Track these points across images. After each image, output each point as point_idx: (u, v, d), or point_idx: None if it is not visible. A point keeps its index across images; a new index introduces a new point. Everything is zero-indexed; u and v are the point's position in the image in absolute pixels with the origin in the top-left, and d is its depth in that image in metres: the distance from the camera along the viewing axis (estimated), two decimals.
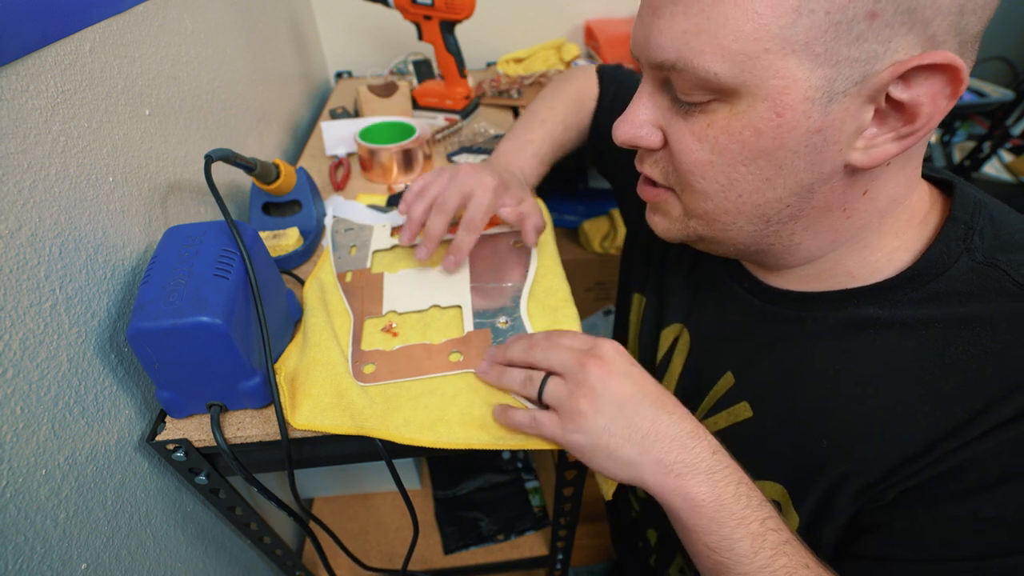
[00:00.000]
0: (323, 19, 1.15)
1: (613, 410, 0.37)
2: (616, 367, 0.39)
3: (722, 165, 0.34)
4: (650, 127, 0.37)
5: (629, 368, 0.39)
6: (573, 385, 0.39)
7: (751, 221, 0.36)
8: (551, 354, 0.41)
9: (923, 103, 0.29)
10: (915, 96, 0.29)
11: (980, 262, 0.34)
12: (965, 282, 0.34)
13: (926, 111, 0.29)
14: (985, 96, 1.16)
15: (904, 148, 0.31)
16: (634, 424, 0.37)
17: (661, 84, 0.36)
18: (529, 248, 0.59)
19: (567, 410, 0.38)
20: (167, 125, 0.54)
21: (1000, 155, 1.30)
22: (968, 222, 0.35)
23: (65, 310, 0.39)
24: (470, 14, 0.81)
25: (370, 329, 0.52)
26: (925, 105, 0.29)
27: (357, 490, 0.88)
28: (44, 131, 0.38)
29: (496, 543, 0.81)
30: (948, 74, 0.28)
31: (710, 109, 0.33)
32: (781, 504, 0.41)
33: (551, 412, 0.40)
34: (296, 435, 0.43)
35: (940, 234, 0.36)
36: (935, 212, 0.37)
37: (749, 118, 0.31)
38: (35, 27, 0.37)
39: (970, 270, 0.34)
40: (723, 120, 0.32)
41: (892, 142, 0.31)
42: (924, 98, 0.29)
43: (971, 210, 0.36)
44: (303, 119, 0.99)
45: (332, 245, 0.62)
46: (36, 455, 0.36)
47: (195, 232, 0.43)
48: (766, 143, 0.32)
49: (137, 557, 0.45)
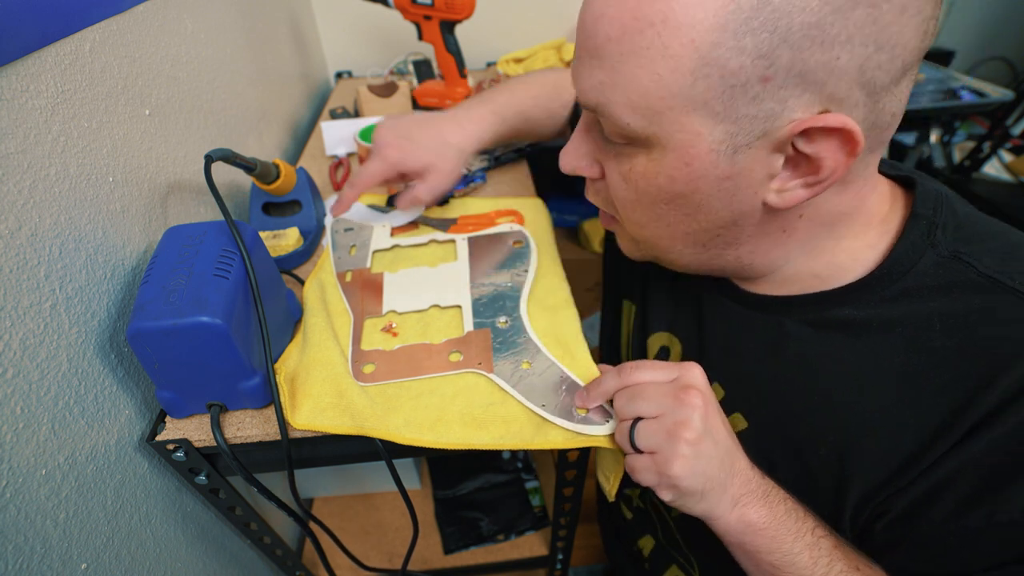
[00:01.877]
0: (323, 19, 1.15)
1: (711, 449, 0.35)
2: (711, 397, 0.37)
3: (646, 204, 0.37)
4: (589, 159, 0.40)
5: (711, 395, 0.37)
6: (670, 424, 0.35)
7: (688, 246, 0.39)
8: (636, 402, 0.37)
9: (824, 157, 0.30)
10: (817, 151, 0.30)
11: (944, 256, 0.35)
12: (933, 276, 0.35)
13: (828, 165, 0.30)
14: (985, 96, 1.16)
15: (814, 195, 0.32)
16: (724, 463, 0.36)
17: (594, 122, 0.38)
18: (528, 248, 0.59)
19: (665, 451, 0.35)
20: (167, 125, 0.54)
21: (1000, 155, 1.30)
22: (931, 217, 0.36)
23: (65, 310, 0.39)
24: (470, 14, 0.81)
25: (370, 329, 0.52)
26: (827, 160, 0.30)
27: (357, 490, 0.88)
28: (44, 131, 0.38)
29: (496, 543, 0.81)
30: (843, 135, 0.29)
31: (631, 153, 0.35)
32: None
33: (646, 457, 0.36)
34: (296, 435, 0.43)
35: (904, 231, 0.36)
36: (897, 209, 0.38)
37: (662, 166, 0.34)
38: (35, 27, 0.37)
39: (936, 264, 0.35)
40: (641, 165, 0.35)
41: (801, 188, 0.32)
42: (825, 153, 0.30)
43: (933, 205, 0.37)
44: (303, 119, 0.99)
45: (332, 245, 0.62)
46: (36, 455, 0.36)
47: (195, 232, 0.43)
48: (680, 188, 0.34)
49: (137, 557, 0.45)
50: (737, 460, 0.37)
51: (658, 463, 0.35)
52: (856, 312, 0.37)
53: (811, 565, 0.35)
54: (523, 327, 0.50)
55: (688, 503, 0.36)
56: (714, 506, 0.36)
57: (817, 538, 0.36)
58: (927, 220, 0.36)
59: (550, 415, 0.42)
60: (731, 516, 0.36)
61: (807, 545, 0.35)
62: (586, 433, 0.41)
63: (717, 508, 0.36)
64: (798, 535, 0.35)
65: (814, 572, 0.35)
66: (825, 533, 0.36)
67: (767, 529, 0.35)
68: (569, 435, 0.42)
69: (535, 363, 0.47)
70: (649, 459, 0.36)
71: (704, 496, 0.35)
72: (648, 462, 0.36)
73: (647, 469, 0.36)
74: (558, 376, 0.45)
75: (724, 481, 0.35)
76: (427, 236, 0.63)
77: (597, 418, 0.42)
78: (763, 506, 0.36)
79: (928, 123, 1.27)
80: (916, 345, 0.35)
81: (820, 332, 0.39)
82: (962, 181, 1.29)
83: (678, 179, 0.33)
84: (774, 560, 0.35)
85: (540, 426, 0.42)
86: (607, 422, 0.42)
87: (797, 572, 0.35)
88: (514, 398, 0.44)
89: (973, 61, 1.48)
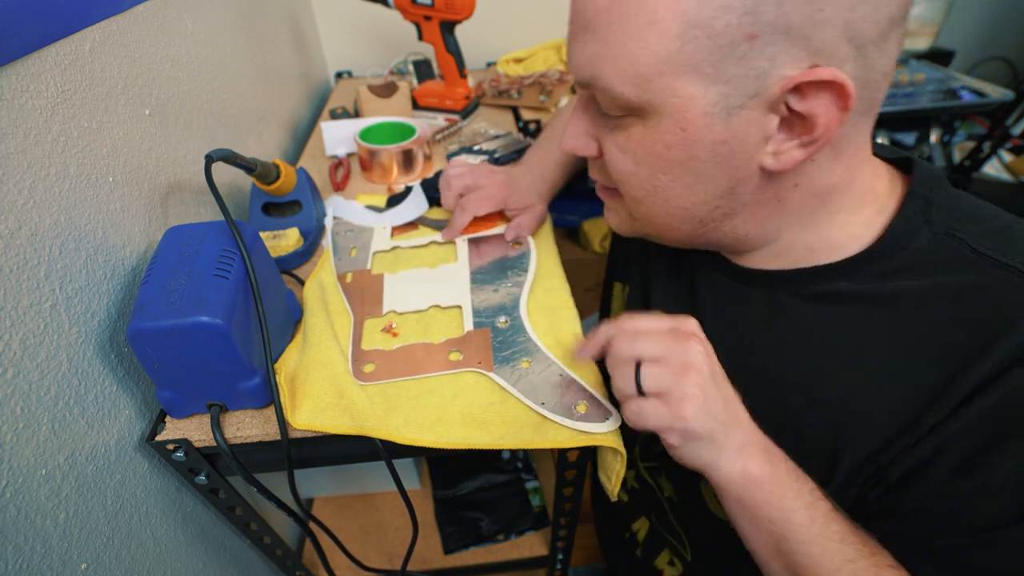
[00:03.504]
0: (323, 19, 1.15)
1: (716, 392, 0.36)
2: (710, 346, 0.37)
3: (644, 175, 0.37)
4: (587, 138, 0.40)
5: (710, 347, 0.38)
6: (676, 367, 0.35)
7: (684, 222, 0.39)
8: (637, 343, 0.37)
9: (818, 114, 0.30)
10: (810, 108, 0.30)
11: (939, 233, 0.36)
12: (928, 254, 0.36)
13: (822, 122, 0.30)
14: (985, 96, 1.16)
15: (809, 154, 0.32)
16: (728, 409, 0.36)
17: (590, 98, 0.39)
18: (528, 248, 0.59)
19: (673, 394, 0.35)
20: (167, 125, 0.54)
21: (1000, 155, 1.30)
22: (927, 196, 0.37)
23: (65, 310, 0.39)
24: (470, 14, 0.81)
25: (370, 329, 0.52)
26: (820, 116, 0.30)
27: (357, 490, 0.88)
28: (44, 131, 0.38)
29: (496, 543, 0.81)
30: (835, 89, 0.29)
31: (627, 124, 0.36)
32: None
33: (654, 400, 0.35)
34: (296, 435, 0.43)
35: (901, 209, 0.37)
36: (895, 190, 0.39)
37: (658, 133, 0.34)
38: (35, 27, 0.37)
39: (931, 241, 0.36)
40: (638, 135, 0.35)
41: (797, 149, 0.32)
42: (818, 109, 0.30)
43: (930, 185, 0.37)
44: (303, 119, 0.99)
45: (332, 247, 0.62)
46: (36, 455, 0.36)
47: (195, 232, 0.43)
48: (677, 155, 0.34)
49: (137, 557, 0.45)
50: (739, 410, 0.37)
51: (669, 404, 0.35)
52: (851, 286, 0.38)
53: (808, 523, 0.35)
54: (523, 327, 0.50)
55: (694, 449, 0.36)
56: (718, 454, 0.35)
57: (815, 498, 0.36)
58: (924, 199, 0.37)
59: (550, 414, 0.42)
60: (734, 467, 0.35)
61: (805, 504, 0.35)
62: (587, 431, 0.42)
63: (721, 457, 0.35)
64: (798, 493, 0.35)
65: (810, 530, 0.34)
66: (823, 496, 0.36)
67: (767, 484, 0.35)
68: (569, 434, 0.42)
69: (535, 362, 0.47)
70: (658, 402, 0.35)
71: (710, 441, 0.35)
72: (658, 405, 0.35)
73: (657, 412, 0.35)
74: (558, 375, 0.45)
75: (728, 428, 0.35)
76: (427, 237, 0.63)
77: (597, 416, 0.42)
78: (764, 460, 0.36)
79: (928, 123, 1.27)
80: (910, 317, 0.35)
81: (813, 305, 0.39)
82: (962, 181, 1.29)
83: (675, 145, 0.34)
84: (772, 516, 0.35)
85: (540, 425, 0.42)
86: (607, 420, 0.42)
87: (793, 529, 0.35)
88: (514, 397, 0.44)
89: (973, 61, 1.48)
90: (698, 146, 0.33)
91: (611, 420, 0.42)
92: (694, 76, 0.31)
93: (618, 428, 0.42)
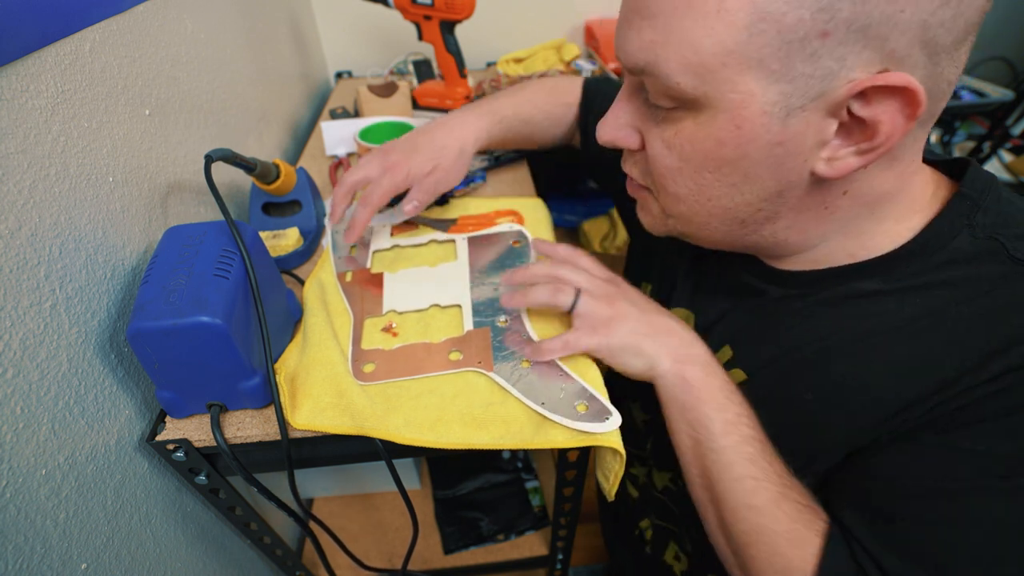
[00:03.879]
0: (323, 19, 1.15)
1: (637, 313, 0.43)
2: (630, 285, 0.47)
3: (689, 171, 0.36)
4: (629, 129, 0.39)
5: None
6: (602, 298, 0.44)
7: (724, 223, 0.38)
8: (579, 276, 0.46)
9: (882, 121, 0.29)
10: (874, 114, 0.29)
11: (979, 237, 0.35)
12: (964, 253, 0.35)
13: (885, 129, 0.29)
14: (985, 96, 1.16)
15: (866, 163, 0.31)
16: (654, 324, 0.43)
17: (638, 88, 0.37)
18: (528, 248, 0.59)
19: (600, 319, 0.43)
20: (167, 125, 0.54)
21: (1000, 155, 1.30)
22: (975, 199, 0.35)
23: (65, 310, 0.39)
24: (470, 14, 0.81)
25: (370, 329, 0.52)
26: (884, 123, 0.29)
27: (357, 490, 0.88)
28: (44, 131, 0.38)
29: (496, 543, 0.81)
30: (904, 96, 0.28)
31: (677, 117, 0.34)
32: None
33: (578, 328, 0.44)
34: (296, 435, 0.43)
35: (944, 209, 0.36)
36: (940, 195, 0.38)
37: (711, 129, 0.33)
38: (35, 27, 0.37)
39: (970, 243, 0.35)
40: (688, 129, 0.34)
41: (853, 156, 0.31)
42: (882, 116, 0.29)
43: (980, 188, 0.36)
44: (303, 119, 0.99)
45: (332, 246, 0.62)
46: (36, 455, 0.36)
47: (195, 232, 0.43)
48: (728, 153, 0.33)
49: (137, 557, 0.45)
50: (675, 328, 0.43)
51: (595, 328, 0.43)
52: (881, 284, 0.37)
53: (721, 434, 0.38)
54: (523, 326, 0.50)
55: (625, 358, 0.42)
56: (653, 360, 0.41)
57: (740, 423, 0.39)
58: (971, 201, 0.35)
59: (550, 413, 0.42)
60: (670, 369, 0.41)
61: (724, 420, 0.39)
62: (587, 431, 0.41)
63: (657, 362, 0.41)
64: (720, 408, 0.39)
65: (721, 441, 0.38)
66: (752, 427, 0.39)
67: (694, 388, 0.40)
68: (569, 433, 0.42)
69: (535, 362, 0.47)
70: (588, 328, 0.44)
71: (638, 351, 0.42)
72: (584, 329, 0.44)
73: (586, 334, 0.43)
74: (558, 374, 0.45)
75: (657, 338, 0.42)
76: (427, 236, 0.63)
77: (598, 416, 0.42)
78: (700, 371, 0.40)
79: None
80: (932, 310, 0.35)
81: (838, 300, 0.39)
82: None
83: (727, 143, 0.32)
84: (691, 419, 0.40)
85: (540, 425, 0.42)
86: (608, 420, 0.42)
87: (706, 435, 0.39)
88: (514, 397, 0.44)
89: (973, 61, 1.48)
90: (752, 146, 0.32)
91: (611, 420, 0.42)
92: (758, 71, 0.29)
93: (618, 428, 0.42)
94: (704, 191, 0.36)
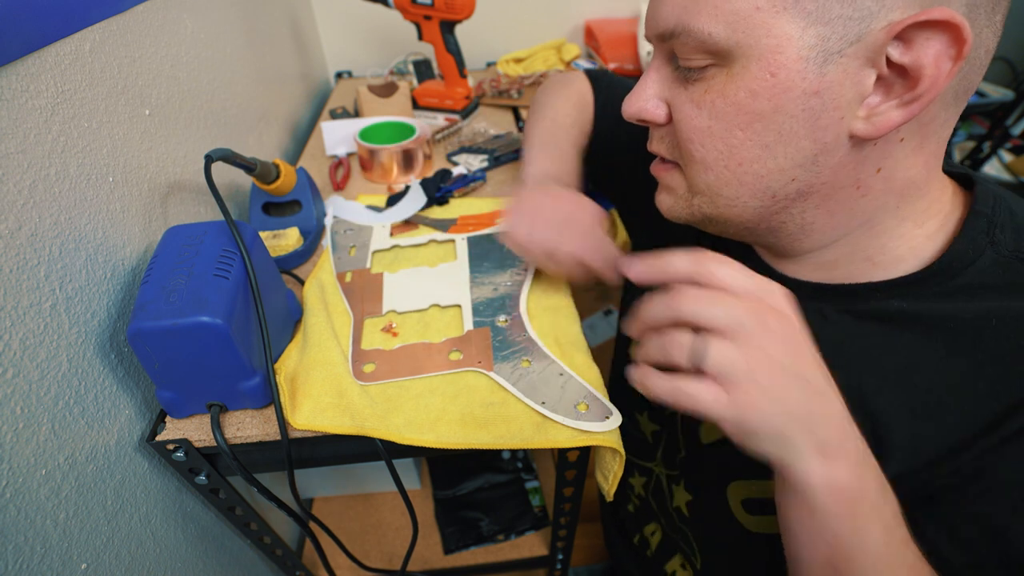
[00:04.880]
0: (323, 19, 1.15)
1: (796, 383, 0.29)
2: (799, 325, 0.30)
3: (720, 131, 0.34)
4: (656, 100, 0.38)
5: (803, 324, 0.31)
6: (750, 349, 0.28)
7: (755, 195, 0.35)
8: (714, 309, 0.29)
9: (925, 65, 0.28)
10: (916, 58, 0.28)
11: (1005, 256, 0.33)
12: (992, 276, 0.33)
13: (929, 74, 0.28)
14: (985, 96, 1.16)
15: (909, 115, 0.29)
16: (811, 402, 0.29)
17: (667, 57, 0.36)
18: None
19: (741, 383, 0.28)
20: (167, 125, 0.54)
21: (1000, 155, 1.30)
22: (989, 216, 0.35)
23: (65, 310, 0.39)
24: (470, 14, 0.81)
25: (370, 329, 0.52)
26: (927, 67, 0.28)
27: (357, 490, 0.88)
28: (44, 131, 0.38)
29: (496, 543, 0.81)
30: (950, 33, 0.27)
31: (708, 75, 0.33)
32: None
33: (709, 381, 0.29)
34: (296, 435, 0.43)
35: (964, 228, 0.35)
36: (957, 205, 0.37)
37: (744, 79, 0.31)
38: (35, 27, 0.37)
39: (995, 264, 0.33)
40: (720, 84, 0.33)
41: (896, 109, 0.30)
42: (926, 59, 0.28)
43: (991, 204, 0.35)
44: (303, 119, 0.99)
45: (332, 246, 0.62)
46: (36, 455, 0.36)
47: (195, 232, 0.43)
48: (762, 105, 0.31)
49: (137, 557, 0.45)
50: (827, 405, 0.30)
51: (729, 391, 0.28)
52: (906, 305, 0.35)
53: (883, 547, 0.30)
54: (523, 326, 0.50)
55: (758, 443, 0.30)
56: (795, 453, 0.29)
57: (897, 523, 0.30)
58: (986, 218, 0.34)
59: (551, 413, 0.42)
60: (817, 470, 0.29)
61: (884, 528, 0.30)
62: (587, 430, 0.42)
63: (799, 456, 0.29)
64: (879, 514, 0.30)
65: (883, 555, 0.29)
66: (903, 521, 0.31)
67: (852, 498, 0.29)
68: (570, 433, 0.42)
69: (535, 361, 0.47)
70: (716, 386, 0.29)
71: (780, 438, 0.29)
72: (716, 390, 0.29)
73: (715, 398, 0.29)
74: (558, 374, 0.45)
75: (808, 423, 0.29)
76: (427, 236, 0.63)
77: (598, 415, 0.42)
78: (854, 471, 0.29)
79: None
80: (968, 342, 0.33)
81: (863, 323, 0.37)
82: None
83: (761, 93, 0.31)
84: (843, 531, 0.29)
85: (541, 425, 0.42)
86: (608, 419, 0.42)
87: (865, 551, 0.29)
88: (514, 397, 0.44)
89: None
90: (787, 96, 0.30)
91: (612, 419, 0.42)
92: (794, 13, 0.29)
93: (618, 428, 0.42)
94: (735, 154, 0.34)
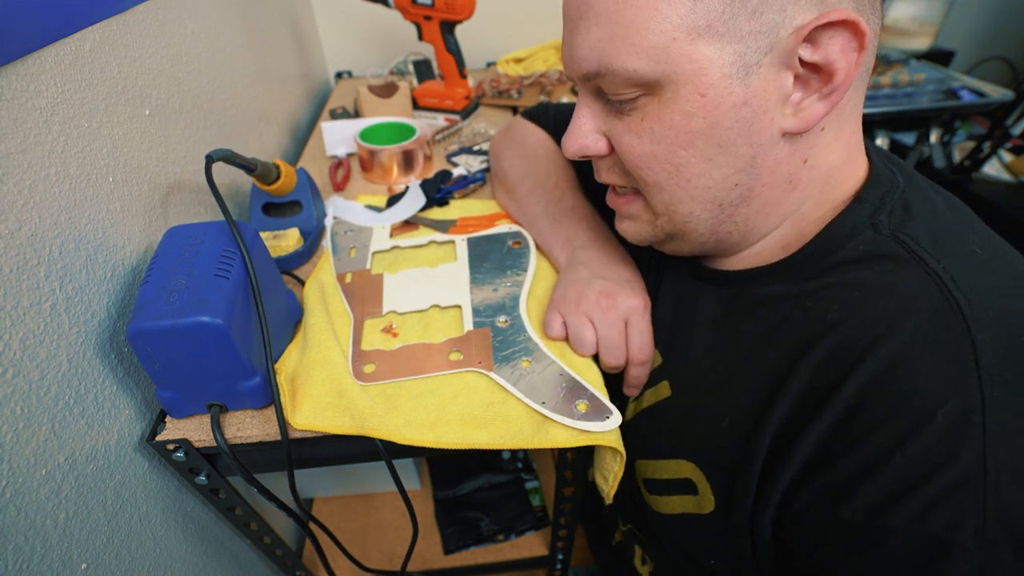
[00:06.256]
0: (323, 19, 1.15)
1: None
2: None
3: (664, 153, 0.36)
4: (594, 134, 0.40)
5: None
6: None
7: (705, 207, 0.38)
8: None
9: (834, 60, 0.31)
10: (825, 55, 0.31)
11: (884, 235, 0.35)
12: (861, 253, 0.35)
13: (841, 67, 0.31)
14: (985, 96, 1.16)
15: (832, 105, 0.32)
16: None
17: (595, 94, 0.38)
18: (527, 248, 0.59)
19: None
20: (167, 125, 0.54)
21: (1000, 155, 1.30)
22: (877, 203, 0.37)
23: (65, 310, 0.39)
24: (470, 14, 0.81)
25: (370, 329, 0.52)
26: (838, 61, 0.31)
27: (357, 490, 0.88)
28: (44, 131, 0.38)
29: (496, 543, 0.81)
30: (849, 29, 0.30)
31: (640, 104, 0.35)
32: (696, 483, 0.40)
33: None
34: (296, 435, 0.43)
35: (843, 211, 0.37)
36: None
37: (676, 103, 0.33)
38: (35, 27, 0.37)
39: (872, 242, 0.35)
40: (654, 111, 0.34)
41: (818, 102, 0.33)
42: (835, 55, 0.31)
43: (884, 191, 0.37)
44: (303, 119, 0.99)
45: (332, 247, 0.62)
46: (36, 455, 0.36)
47: (195, 232, 0.43)
48: (698, 124, 0.33)
49: (137, 557, 0.45)
50: None
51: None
52: (780, 288, 0.39)
53: None
54: (523, 326, 0.50)
55: None
56: None
57: None
58: (872, 204, 0.36)
59: (551, 413, 0.42)
60: None
61: None
62: (587, 430, 0.41)
63: None
64: None
65: None
66: None
67: None
68: (570, 433, 0.42)
69: (535, 361, 0.47)
70: None
71: None
72: None
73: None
74: (558, 374, 0.45)
75: None
76: (427, 237, 0.63)
77: (598, 415, 0.42)
78: None
79: (928, 123, 1.27)
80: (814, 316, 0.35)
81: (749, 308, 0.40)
82: (962, 181, 1.29)
83: (695, 113, 0.33)
84: None
85: (541, 425, 0.42)
86: (608, 419, 0.42)
87: None
88: (514, 397, 0.44)
89: (973, 61, 1.48)
90: (719, 111, 0.33)
91: (611, 419, 0.42)
92: (708, 37, 0.31)
93: (618, 427, 0.42)
94: (682, 171, 0.36)
